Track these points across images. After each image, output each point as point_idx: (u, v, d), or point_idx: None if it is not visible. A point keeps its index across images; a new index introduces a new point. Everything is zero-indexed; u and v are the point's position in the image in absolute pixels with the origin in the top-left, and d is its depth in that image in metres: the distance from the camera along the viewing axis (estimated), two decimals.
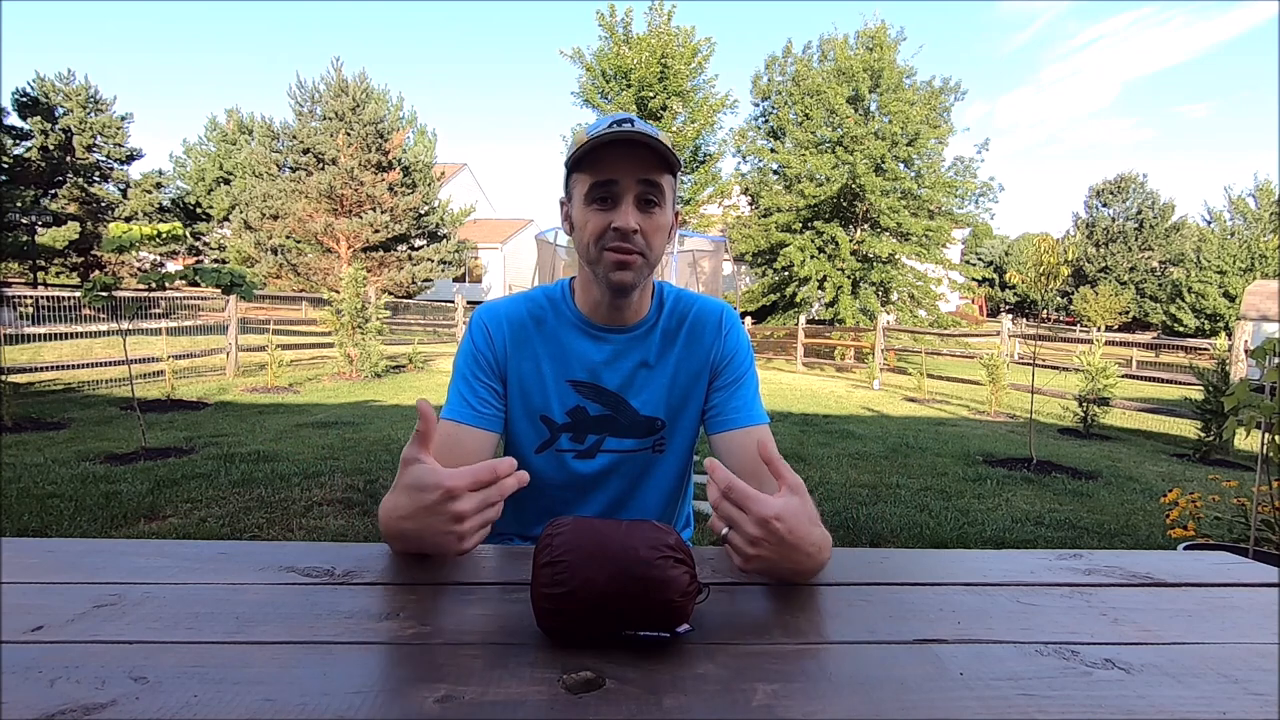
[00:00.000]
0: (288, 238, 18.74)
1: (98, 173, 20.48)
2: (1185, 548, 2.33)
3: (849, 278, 16.51)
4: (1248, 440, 5.69)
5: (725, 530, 0.64)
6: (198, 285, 4.82)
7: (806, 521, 0.65)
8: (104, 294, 4.40)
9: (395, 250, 19.80)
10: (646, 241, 0.89)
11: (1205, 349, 7.72)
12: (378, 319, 8.99)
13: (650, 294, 1.02)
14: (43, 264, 19.75)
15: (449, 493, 0.61)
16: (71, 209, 19.41)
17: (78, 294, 5.51)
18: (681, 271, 11.18)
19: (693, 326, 1.02)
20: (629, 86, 16.95)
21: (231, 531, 2.85)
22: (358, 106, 18.67)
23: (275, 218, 18.44)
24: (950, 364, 12.28)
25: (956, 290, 18.04)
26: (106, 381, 7.06)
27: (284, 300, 17.76)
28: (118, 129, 20.71)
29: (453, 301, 14.13)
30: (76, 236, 18.46)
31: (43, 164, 18.89)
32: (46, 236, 18.39)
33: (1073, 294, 33.88)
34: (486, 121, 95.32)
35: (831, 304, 16.49)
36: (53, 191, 19.47)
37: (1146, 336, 24.93)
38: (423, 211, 20.46)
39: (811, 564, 0.66)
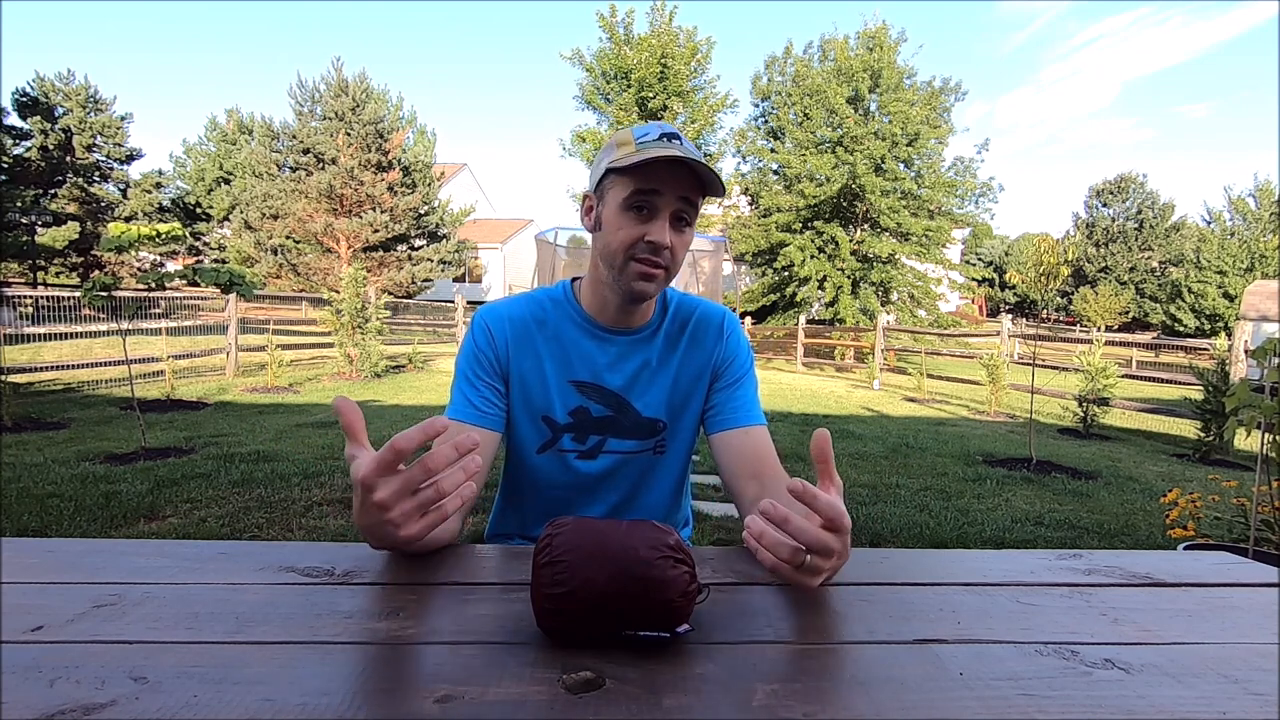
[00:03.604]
0: (288, 238, 18.74)
1: (98, 173, 20.47)
2: (1185, 548, 2.33)
3: (849, 278, 16.52)
4: (1248, 440, 5.69)
5: (808, 557, 0.58)
6: (197, 285, 4.82)
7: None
8: (104, 294, 4.40)
9: (395, 250, 19.81)
10: (673, 258, 0.90)
11: (1205, 349, 7.72)
12: (378, 319, 8.99)
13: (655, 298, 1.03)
14: (43, 264, 19.74)
15: (363, 484, 0.58)
16: (71, 209, 19.41)
17: (77, 294, 5.51)
18: (681, 272, 11.16)
19: (695, 330, 1.03)
20: (629, 87, 16.96)
21: (231, 531, 2.85)
22: (358, 106, 18.67)
23: (275, 218, 18.45)
24: (950, 364, 12.28)
25: (956, 290, 18.05)
26: (106, 381, 7.06)
27: (284, 300, 17.76)
28: (118, 129, 20.70)
29: (453, 301, 14.14)
30: (76, 236, 18.45)
31: (43, 164, 18.89)
32: (46, 236, 18.38)
33: (1073, 294, 33.90)
34: (486, 121, 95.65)
35: (831, 304, 16.50)
36: (53, 191, 19.46)
37: (1146, 336, 24.93)
38: (423, 211, 20.48)
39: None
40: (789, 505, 0.60)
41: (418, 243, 20.82)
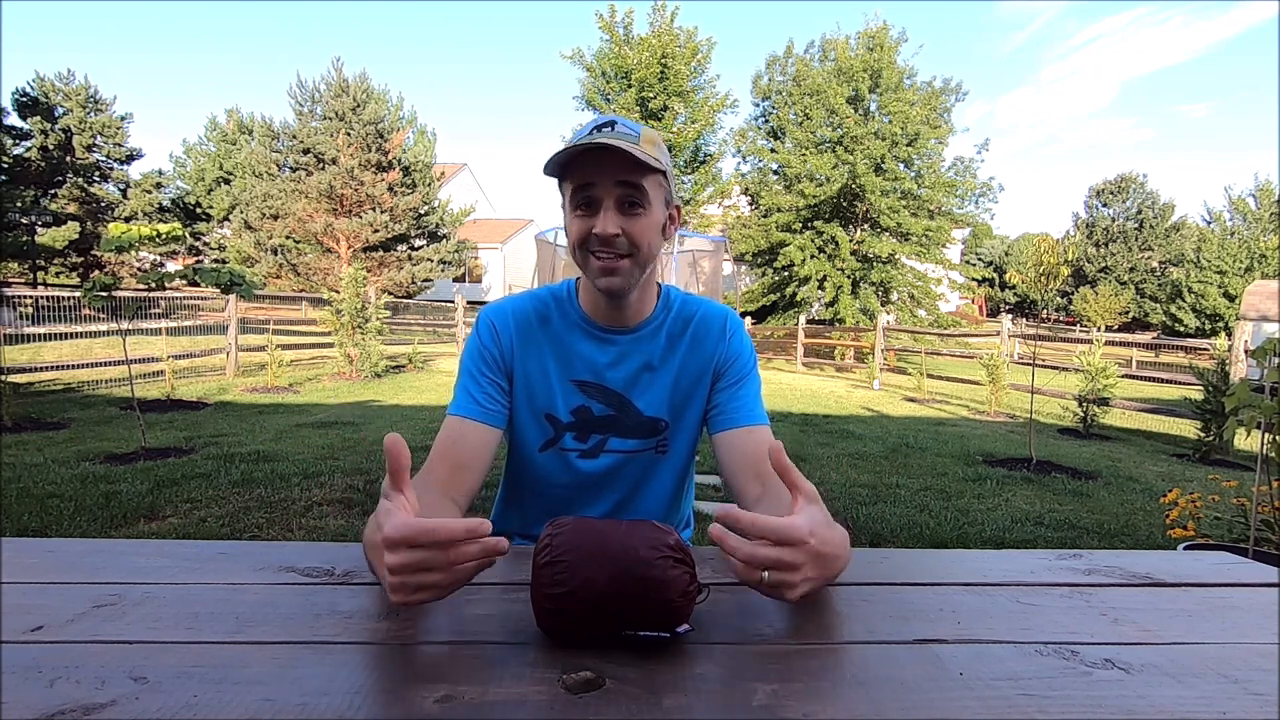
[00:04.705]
0: (288, 238, 18.74)
1: (98, 173, 20.47)
2: (1185, 548, 2.33)
3: (849, 278, 16.51)
4: (1248, 440, 5.69)
5: (764, 574, 0.57)
6: (197, 285, 4.82)
7: (828, 526, 0.61)
8: (104, 294, 4.40)
9: (395, 250, 19.81)
10: (632, 243, 0.88)
11: (1205, 349, 7.72)
12: (378, 319, 9.00)
13: (654, 295, 1.02)
14: (43, 264, 19.75)
15: (385, 540, 0.56)
16: (71, 209, 19.40)
17: (78, 294, 5.51)
18: (681, 271, 11.18)
19: (697, 329, 1.02)
20: (630, 87, 16.96)
21: (231, 531, 2.85)
22: (358, 106, 18.67)
23: (275, 218, 18.44)
24: (950, 364, 12.27)
25: (956, 290, 18.05)
26: (106, 381, 7.06)
27: (284, 300, 17.75)
28: (118, 129, 20.70)
29: (453, 301, 14.13)
30: (76, 236, 18.45)
31: (43, 164, 18.89)
32: (46, 236, 18.38)
33: (1073, 294, 33.89)
34: (486, 121, 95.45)
35: (831, 304, 16.49)
36: (53, 191, 19.46)
37: (1146, 336, 24.93)
38: (423, 211, 20.47)
39: (841, 565, 0.63)
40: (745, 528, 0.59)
41: (418, 243, 20.82)
